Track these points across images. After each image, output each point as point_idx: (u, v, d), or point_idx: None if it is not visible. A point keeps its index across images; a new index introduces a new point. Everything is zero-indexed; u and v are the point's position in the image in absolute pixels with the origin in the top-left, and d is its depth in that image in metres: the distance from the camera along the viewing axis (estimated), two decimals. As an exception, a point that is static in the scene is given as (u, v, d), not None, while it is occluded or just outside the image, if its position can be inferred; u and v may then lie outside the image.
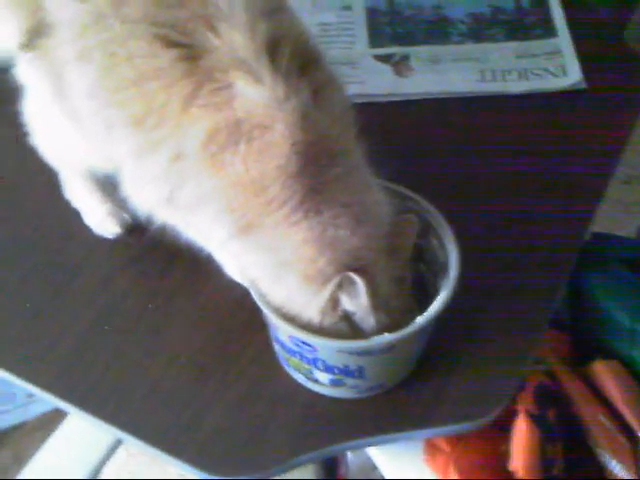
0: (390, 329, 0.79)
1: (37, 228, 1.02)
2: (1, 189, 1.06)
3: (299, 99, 0.73)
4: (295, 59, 0.74)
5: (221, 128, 0.73)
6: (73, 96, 0.81)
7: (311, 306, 0.79)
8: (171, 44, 0.73)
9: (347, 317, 0.79)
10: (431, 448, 0.99)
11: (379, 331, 0.79)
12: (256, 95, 0.72)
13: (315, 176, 0.74)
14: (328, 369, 0.83)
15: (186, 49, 0.73)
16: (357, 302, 0.77)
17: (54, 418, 1.25)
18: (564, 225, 1.01)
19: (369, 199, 0.78)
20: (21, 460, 1.14)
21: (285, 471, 0.83)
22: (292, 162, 0.73)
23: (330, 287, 0.77)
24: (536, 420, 0.94)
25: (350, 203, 0.76)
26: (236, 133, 0.73)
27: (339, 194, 0.76)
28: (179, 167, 0.76)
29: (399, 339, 0.79)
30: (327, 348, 0.80)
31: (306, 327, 0.79)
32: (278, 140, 0.72)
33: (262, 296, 0.81)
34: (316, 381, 0.86)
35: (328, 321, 0.79)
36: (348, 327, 0.80)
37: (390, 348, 0.81)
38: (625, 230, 1.69)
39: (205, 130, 0.73)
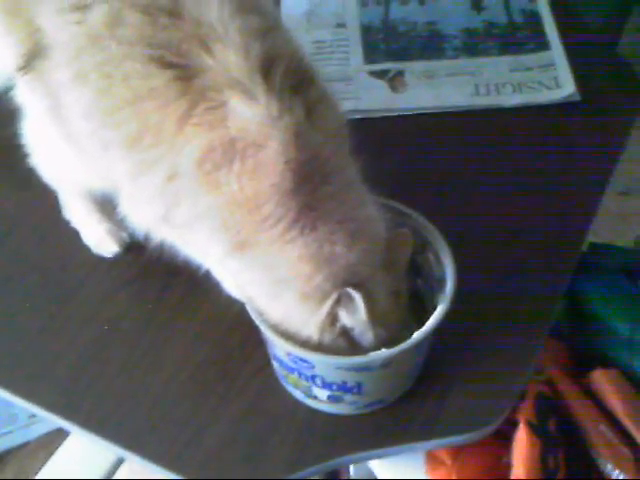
0: (388, 344, 0.79)
1: (37, 248, 1.03)
2: (2, 209, 1.07)
3: (293, 117, 0.73)
4: (289, 77, 0.75)
5: (215, 147, 0.73)
6: (70, 117, 0.82)
7: (310, 323, 0.79)
8: (166, 65, 0.74)
9: (346, 333, 0.80)
10: (432, 460, 0.99)
11: (378, 346, 0.80)
12: (250, 113, 0.73)
13: (309, 193, 0.74)
14: (326, 386, 0.83)
15: (181, 69, 0.74)
16: (356, 317, 0.78)
17: (56, 438, 1.24)
18: (561, 236, 1.02)
19: (364, 215, 0.78)
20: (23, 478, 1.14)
21: (286, 486, 0.84)
22: (286, 180, 0.73)
23: (328, 303, 0.77)
24: (536, 430, 0.94)
25: (345, 219, 0.76)
26: (230, 152, 0.73)
27: (334, 211, 0.76)
28: (174, 186, 0.76)
29: (396, 354, 0.79)
30: (325, 364, 0.81)
31: (305, 344, 0.80)
32: (272, 158, 0.73)
33: (259, 314, 0.81)
34: (315, 397, 0.86)
35: (327, 337, 0.79)
36: (347, 343, 0.80)
37: (388, 363, 0.81)
38: (623, 240, 1.70)
39: (199, 149, 0.74)
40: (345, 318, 0.78)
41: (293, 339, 0.80)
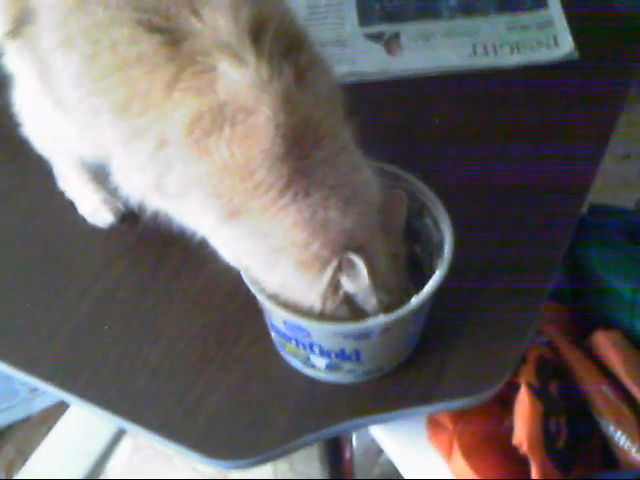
0: (391, 309, 0.79)
1: (32, 220, 1.02)
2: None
3: (282, 81, 0.72)
4: (279, 41, 0.74)
5: (204, 112, 0.72)
6: (59, 84, 0.81)
7: (311, 292, 0.78)
8: (154, 29, 0.73)
9: (349, 299, 0.79)
10: (434, 426, 0.99)
11: (381, 311, 0.79)
12: (239, 77, 0.71)
13: (301, 159, 0.73)
14: (324, 354, 0.82)
15: (169, 34, 0.73)
16: (358, 283, 0.77)
17: (57, 412, 1.25)
18: (561, 197, 1.01)
19: (358, 179, 0.77)
20: (25, 454, 1.14)
21: (287, 453, 0.84)
22: (277, 145, 0.72)
23: (330, 270, 0.76)
24: (538, 393, 0.94)
25: (338, 184, 0.75)
26: (220, 117, 0.72)
27: (327, 176, 0.75)
28: (165, 153, 0.75)
29: (394, 321, 0.79)
30: (321, 332, 0.80)
31: (308, 314, 0.79)
32: (262, 123, 0.71)
33: (255, 282, 0.81)
34: (313, 366, 0.85)
35: (329, 305, 0.79)
36: (350, 310, 0.79)
37: (385, 330, 0.80)
38: (625, 204, 1.69)
39: (188, 115, 0.72)
40: (347, 284, 0.77)
41: (294, 308, 0.79)
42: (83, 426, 1.13)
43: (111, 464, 1.21)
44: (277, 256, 0.78)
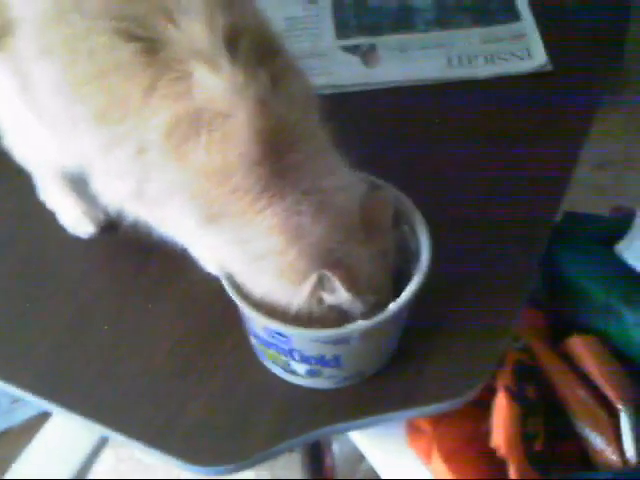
0: (379, 306, 0.79)
1: (13, 230, 1.03)
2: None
3: (258, 86, 0.73)
4: (254, 48, 0.75)
5: (182, 118, 0.73)
6: (38, 94, 0.81)
7: (294, 301, 0.79)
8: (132, 38, 0.74)
9: (334, 307, 0.79)
10: (413, 430, 1.00)
11: (370, 311, 0.79)
12: (215, 83, 0.73)
13: (277, 162, 0.74)
14: (304, 359, 0.83)
15: (146, 42, 0.74)
16: (339, 297, 0.78)
17: (38, 423, 1.24)
18: (535, 205, 1.02)
19: (332, 185, 0.78)
20: (5, 466, 1.14)
21: (268, 458, 0.84)
22: (253, 149, 0.73)
23: (308, 287, 0.77)
24: (515, 396, 0.95)
25: (311, 190, 0.76)
26: (197, 123, 0.73)
27: (300, 180, 0.76)
28: (144, 160, 0.76)
29: (372, 326, 0.79)
30: (301, 338, 0.81)
31: (296, 318, 0.79)
32: (238, 128, 0.73)
33: (235, 288, 0.81)
34: (293, 372, 0.86)
35: (316, 314, 0.79)
36: (338, 314, 0.80)
37: (364, 335, 0.81)
38: (600, 213, 1.71)
39: (166, 121, 0.73)
40: (329, 298, 0.78)
41: (282, 314, 0.80)
42: (64, 436, 1.13)
43: (93, 475, 1.20)
44: (259, 264, 0.78)
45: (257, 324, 0.83)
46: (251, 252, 0.78)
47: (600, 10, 1.26)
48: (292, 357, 0.83)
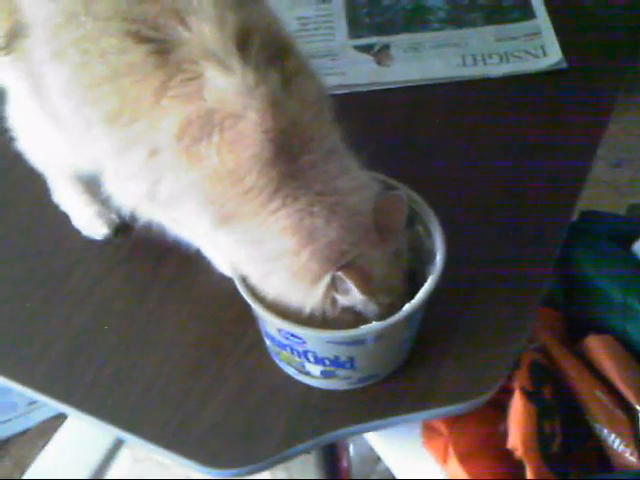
0: (393, 306, 0.79)
1: (27, 233, 1.03)
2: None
3: (269, 86, 0.73)
4: (265, 49, 0.75)
5: (193, 120, 0.73)
6: (51, 96, 0.82)
7: (308, 302, 0.79)
8: (142, 39, 0.74)
9: (349, 308, 0.79)
10: (429, 431, 0.99)
11: (384, 312, 0.79)
12: (226, 84, 0.72)
13: (290, 162, 0.74)
14: (319, 361, 0.83)
15: (157, 44, 0.74)
16: (352, 298, 0.77)
17: (54, 425, 1.25)
18: (551, 203, 1.02)
19: (345, 186, 0.78)
20: (22, 467, 1.15)
21: (283, 461, 0.84)
22: (265, 150, 0.73)
23: (322, 288, 0.77)
24: (532, 397, 0.94)
25: (324, 191, 0.76)
26: (208, 124, 0.73)
27: (313, 181, 0.76)
28: (156, 161, 0.76)
29: (387, 327, 0.79)
30: (315, 339, 0.80)
31: (310, 319, 0.79)
32: (250, 129, 0.72)
33: (249, 289, 0.81)
34: (308, 374, 0.86)
35: (330, 315, 0.79)
36: (352, 316, 0.80)
37: (379, 336, 0.81)
38: (617, 211, 1.70)
39: (178, 123, 0.73)
40: (343, 300, 0.78)
41: (295, 315, 0.79)
42: (80, 438, 1.13)
43: (110, 475, 1.21)
44: (272, 265, 0.78)
45: (271, 326, 0.83)
46: (264, 253, 0.78)
47: (616, 8, 1.25)
48: (306, 358, 0.83)
